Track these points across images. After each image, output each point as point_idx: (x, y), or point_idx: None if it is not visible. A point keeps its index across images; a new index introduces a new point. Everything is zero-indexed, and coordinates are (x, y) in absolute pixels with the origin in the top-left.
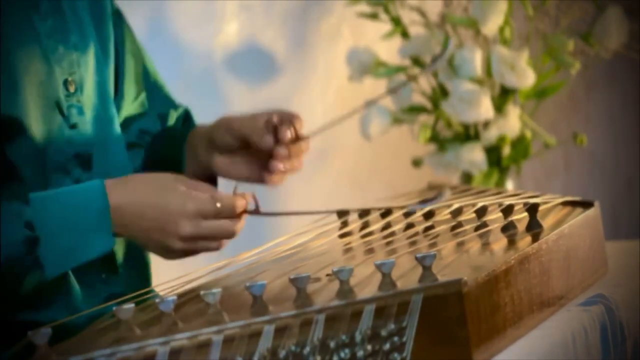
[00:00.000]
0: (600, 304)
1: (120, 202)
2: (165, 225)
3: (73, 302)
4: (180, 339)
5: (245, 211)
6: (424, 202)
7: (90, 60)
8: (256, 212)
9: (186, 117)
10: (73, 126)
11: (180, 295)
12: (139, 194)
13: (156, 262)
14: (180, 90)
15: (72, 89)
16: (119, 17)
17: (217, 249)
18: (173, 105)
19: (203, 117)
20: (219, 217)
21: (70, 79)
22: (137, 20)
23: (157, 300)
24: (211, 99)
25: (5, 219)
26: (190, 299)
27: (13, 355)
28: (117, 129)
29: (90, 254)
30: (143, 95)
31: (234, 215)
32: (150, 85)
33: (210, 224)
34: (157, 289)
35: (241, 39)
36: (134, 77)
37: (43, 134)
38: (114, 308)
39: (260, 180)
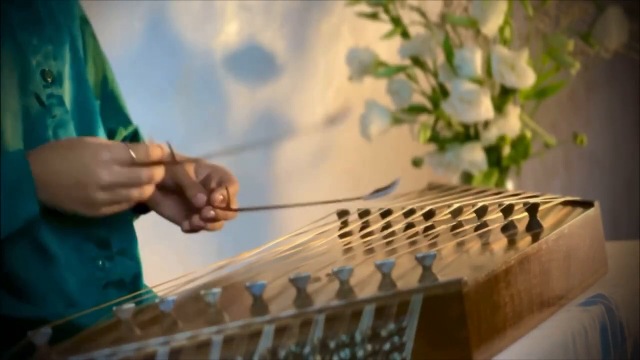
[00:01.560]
0: (600, 304)
1: (38, 166)
2: (83, 177)
3: (67, 293)
4: (180, 339)
5: (161, 162)
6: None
7: (66, 53)
8: (172, 161)
9: (133, 138)
10: (54, 117)
11: (180, 296)
12: (56, 155)
13: (156, 262)
14: (180, 91)
15: (50, 79)
16: (85, 22)
17: (140, 198)
18: (125, 121)
19: (203, 117)
20: (135, 164)
21: (47, 69)
22: (137, 20)
23: (157, 300)
24: (211, 99)
25: None
26: (190, 299)
27: (13, 355)
28: (99, 121)
29: (16, 220)
30: (97, 104)
31: (149, 162)
32: (107, 96)
33: (127, 170)
34: (157, 289)
35: (241, 39)
36: (92, 84)
37: (21, 125)
38: (114, 308)
39: (180, 224)
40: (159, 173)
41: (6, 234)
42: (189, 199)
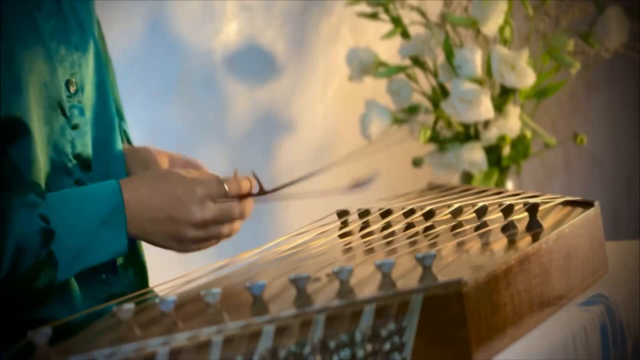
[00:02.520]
0: (601, 304)
1: (132, 197)
2: (176, 213)
3: (72, 301)
4: (180, 339)
5: (250, 194)
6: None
7: (90, 60)
8: (261, 192)
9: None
10: (74, 127)
11: (180, 295)
12: (148, 188)
13: (156, 262)
14: (180, 90)
15: (73, 89)
16: (98, 24)
17: (228, 235)
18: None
19: (203, 117)
20: (227, 199)
21: (72, 79)
22: (137, 20)
23: (157, 300)
24: (211, 99)
25: (20, 209)
26: (190, 299)
27: (13, 355)
28: (117, 130)
29: (104, 253)
30: (115, 115)
31: (240, 196)
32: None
33: (220, 206)
34: (157, 289)
35: (241, 39)
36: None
37: (45, 135)
38: (114, 308)
39: None
40: (249, 207)
41: (91, 265)
42: None
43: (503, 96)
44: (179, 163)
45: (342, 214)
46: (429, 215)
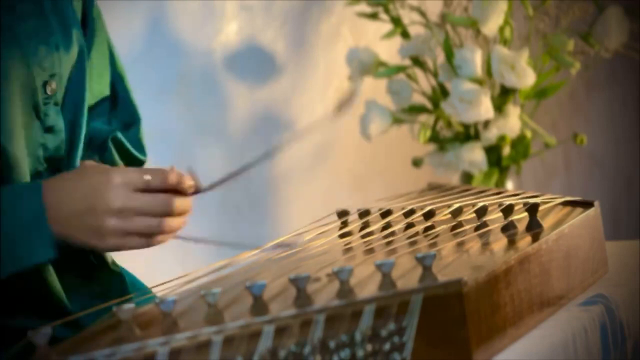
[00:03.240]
0: (601, 304)
1: (53, 196)
2: (94, 202)
3: (59, 304)
4: (180, 339)
5: (181, 190)
6: (341, 106)
7: (71, 59)
8: (197, 190)
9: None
10: (48, 129)
11: (180, 296)
12: (66, 183)
13: (156, 262)
14: (181, 90)
15: (50, 90)
16: (98, 15)
17: (159, 228)
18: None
19: (203, 117)
20: (150, 189)
21: (50, 80)
22: (137, 20)
23: (157, 300)
24: (211, 99)
25: None
26: (190, 299)
27: (13, 355)
28: (84, 127)
29: (33, 257)
30: (86, 113)
31: (166, 187)
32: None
33: (142, 195)
34: (156, 289)
35: (241, 39)
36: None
37: (21, 140)
38: (114, 308)
39: None
40: (181, 204)
41: (17, 270)
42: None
43: (503, 96)
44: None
45: (342, 214)
46: (429, 215)
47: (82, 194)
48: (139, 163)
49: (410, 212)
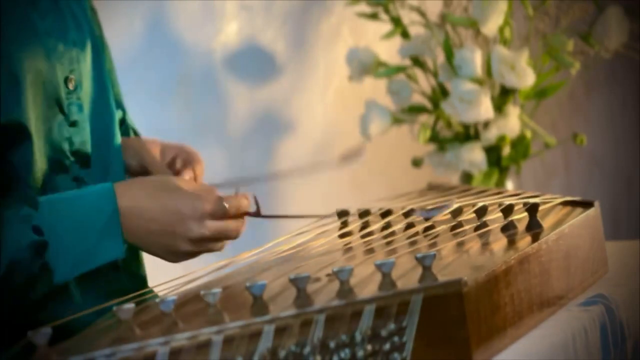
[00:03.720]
0: (600, 304)
1: (129, 205)
2: (174, 227)
3: (71, 299)
4: (180, 339)
5: (246, 212)
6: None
7: (88, 56)
8: (257, 213)
9: (121, 122)
10: (73, 124)
11: (180, 295)
12: (147, 197)
13: (156, 262)
14: (181, 90)
15: (71, 86)
16: (94, 12)
17: (220, 249)
18: (121, 106)
19: (203, 117)
20: (226, 217)
21: (70, 76)
22: (137, 20)
23: (157, 300)
24: (211, 99)
25: (13, 223)
26: (190, 299)
27: (13, 355)
28: (116, 124)
29: (101, 259)
30: (115, 109)
31: (238, 215)
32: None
33: (218, 224)
34: (157, 289)
35: (241, 39)
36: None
37: (44, 134)
38: (114, 308)
39: None
40: (244, 226)
41: (88, 270)
42: None
43: (503, 96)
44: (171, 151)
45: (342, 214)
46: None
47: (162, 215)
48: None
49: (410, 212)
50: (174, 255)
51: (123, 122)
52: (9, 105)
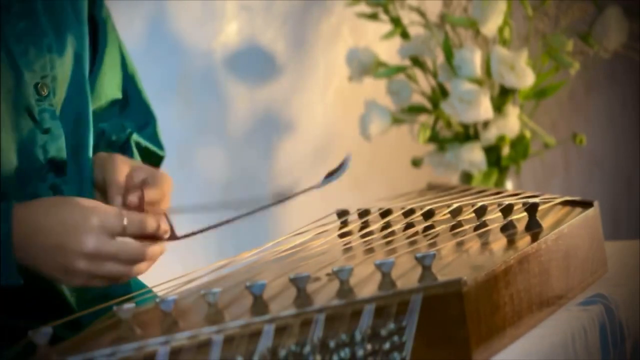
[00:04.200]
0: (600, 304)
1: (23, 224)
2: (67, 241)
3: (67, 307)
4: (181, 338)
5: (158, 237)
6: (329, 175)
7: (67, 60)
8: (172, 237)
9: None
10: (46, 131)
11: (180, 296)
12: (42, 214)
13: (156, 262)
14: (180, 91)
15: (44, 92)
16: (106, 19)
17: (127, 274)
18: (147, 115)
19: (203, 117)
20: (126, 235)
21: (41, 82)
22: (137, 20)
23: (157, 300)
24: (211, 99)
25: None
26: (190, 298)
27: (13, 355)
28: (91, 135)
29: None
30: (90, 116)
31: (143, 234)
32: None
33: (116, 242)
34: (157, 289)
35: (241, 39)
36: (110, 83)
37: (14, 142)
38: (114, 308)
39: None
40: (159, 250)
41: None
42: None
43: (502, 96)
44: (141, 173)
45: (342, 213)
46: (428, 215)
47: (55, 230)
48: (158, 158)
49: (410, 212)
50: (70, 274)
51: (154, 129)
52: None
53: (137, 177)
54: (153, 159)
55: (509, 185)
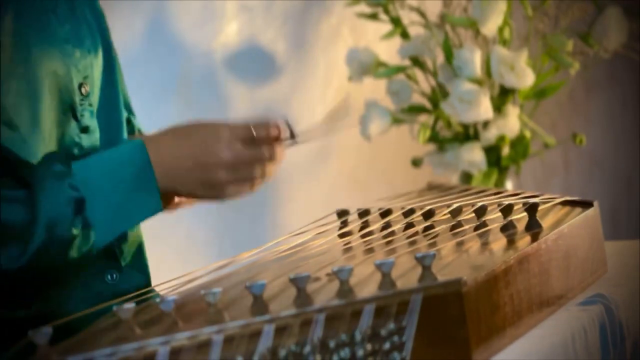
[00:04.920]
0: (600, 304)
1: (159, 152)
2: (205, 157)
3: (74, 300)
4: (181, 338)
5: (278, 138)
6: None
7: (99, 62)
8: (292, 138)
9: (127, 121)
10: (84, 130)
11: (180, 295)
12: (173, 139)
13: (156, 262)
14: (180, 91)
15: (85, 92)
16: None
17: (262, 177)
18: (128, 107)
19: (203, 117)
20: (256, 142)
21: (84, 82)
22: (137, 20)
23: (157, 300)
24: (211, 99)
25: (48, 179)
26: (190, 299)
27: (13, 355)
28: (124, 131)
29: (139, 214)
30: (124, 114)
31: (270, 141)
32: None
33: (249, 148)
34: (157, 289)
35: (241, 39)
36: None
37: (56, 139)
38: (114, 308)
39: None
40: (281, 151)
41: (129, 227)
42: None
43: (502, 96)
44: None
45: (342, 213)
46: (428, 215)
47: (189, 149)
48: None
49: (410, 212)
50: (214, 188)
51: (129, 121)
52: (26, 108)
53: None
54: None
55: (509, 185)
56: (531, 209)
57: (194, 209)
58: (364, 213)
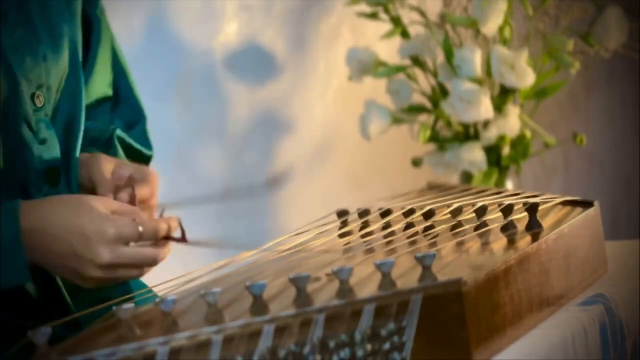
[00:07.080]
0: (600, 304)
1: (34, 224)
2: (82, 251)
3: (67, 310)
4: (180, 338)
5: (170, 237)
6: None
7: (62, 69)
8: (182, 240)
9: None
10: (42, 142)
11: (180, 296)
12: (54, 216)
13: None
14: (180, 91)
15: (39, 103)
16: (100, 18)
17: (139, 276)
18: (138, 113)
19: (203, 117)
20: (141, 241)
21: (38, 92)
22: (137, 20)
23: (157, 300)
24: (211, 99)
25: None
26: (190, 299)
27: (13, 355)
28: (81, 139)
29: (4, 282)
30: (83, 122)
31: (156, 240)
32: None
33: (131, 250)
34: (157, 289)
35: (241, 39)
36: (102, 83)
37: (12, 152)
38: (114, 308)
39: None
40: (166, 252)
41: None
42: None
43: (503, 96)
44: (126, 170)
45: (342, 214)
46: (428, 215)
47: (70, 239)
48: (145, 158)
49: (410, 212)
50: (82, 280)
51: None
52: None
53: (123, 174)
54: (140, 159)
55: (510, 185)
56: (532, 209)
57: (193, 209)
58: (364, 213)
